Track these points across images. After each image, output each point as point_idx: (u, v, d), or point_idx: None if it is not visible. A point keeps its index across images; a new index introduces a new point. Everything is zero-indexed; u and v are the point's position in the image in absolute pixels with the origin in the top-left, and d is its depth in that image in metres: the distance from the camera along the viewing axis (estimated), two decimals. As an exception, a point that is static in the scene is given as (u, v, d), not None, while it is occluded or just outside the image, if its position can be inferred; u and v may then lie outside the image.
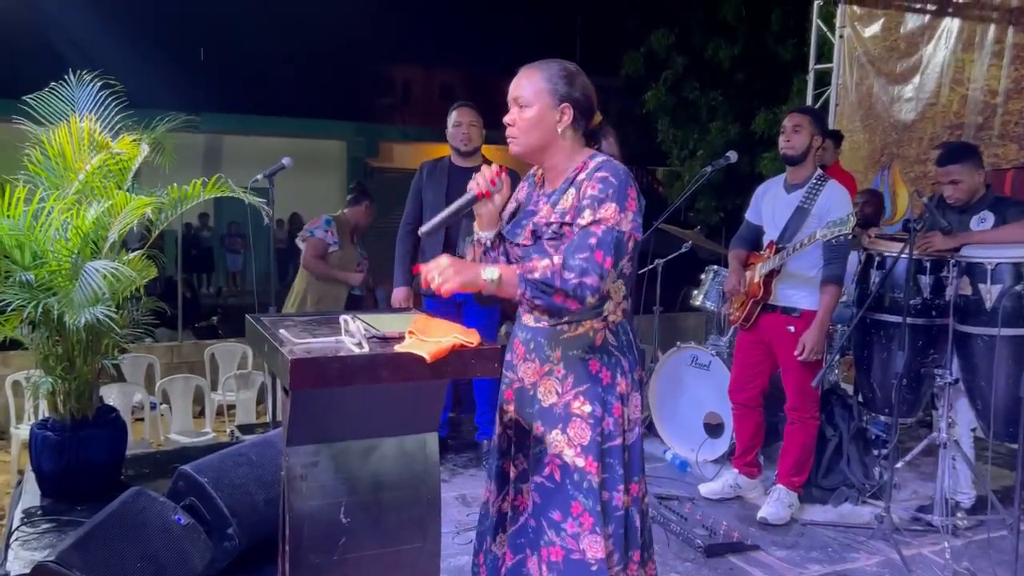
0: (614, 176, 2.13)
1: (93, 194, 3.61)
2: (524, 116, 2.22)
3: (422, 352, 1.92)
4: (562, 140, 2.23)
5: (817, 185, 3.83)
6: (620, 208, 2.09)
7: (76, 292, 3.30)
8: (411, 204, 4.59)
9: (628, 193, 2.12)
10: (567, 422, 2.21)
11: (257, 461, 3.14)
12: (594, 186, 2.12)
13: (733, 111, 12.08)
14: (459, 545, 3.48)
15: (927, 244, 3.88)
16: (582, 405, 2.21)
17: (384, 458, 2.10)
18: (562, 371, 2.23)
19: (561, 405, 2.23)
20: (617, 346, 2.25)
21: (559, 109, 2.21)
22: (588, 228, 2.08)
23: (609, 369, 2.23)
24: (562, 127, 2.22)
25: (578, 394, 2.21)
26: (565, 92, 2.21)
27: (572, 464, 2.20)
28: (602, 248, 2.05)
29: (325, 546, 2.04)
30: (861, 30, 6.88)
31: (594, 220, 2.09)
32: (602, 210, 2.09)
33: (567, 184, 2.21)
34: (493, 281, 2.03)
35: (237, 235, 16.45)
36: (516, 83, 2.25)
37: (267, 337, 2.06)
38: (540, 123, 2.21)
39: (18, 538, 3.21)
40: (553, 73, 2.22)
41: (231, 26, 13.75)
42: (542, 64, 2.25)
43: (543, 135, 2.22)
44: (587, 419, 2.20)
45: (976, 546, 3.66)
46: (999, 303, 3.60)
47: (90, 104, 3.81)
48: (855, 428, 4.32)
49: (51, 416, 3.74)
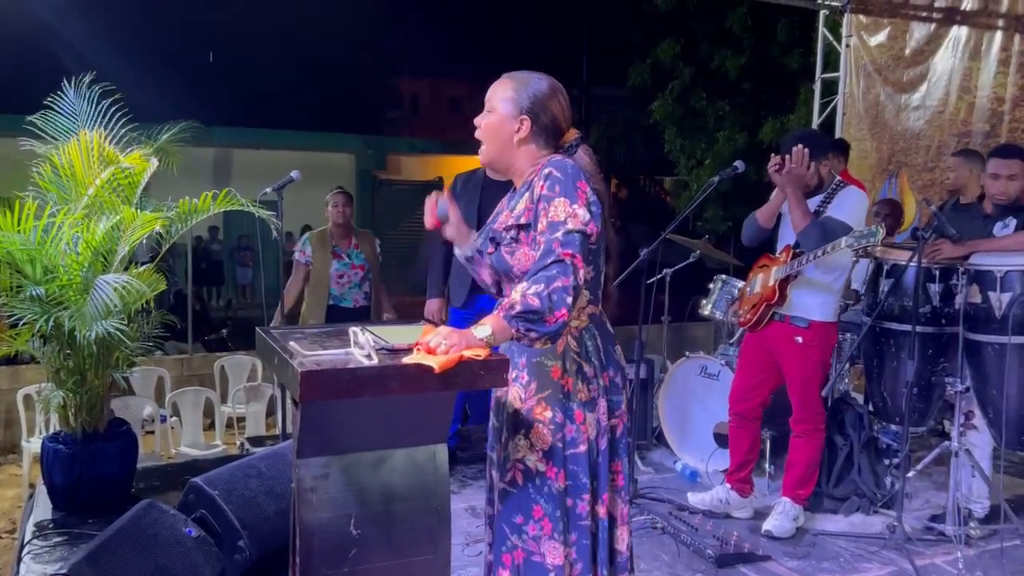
0: (559, 171, 2.14)
1: (103, 208, 3.63)
2: (486, 120, 2.28)
3: (431, 363, 1.93)
4: (520, 150, 2.26)
5: (835, 190, 3.82)
6: (571, 201, 2.10)
7: (87, 306, 3.31)
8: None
9: (577, 185, 2.12)
10: (530, 427, 2.23)
11: (267, 473, 3.15)
12: (542, 185, 2.13)
13: (740, 120, 12.10)
14: (469, 557, 3.48)
15: (935, 252, 3.86)
16: (544, 411, 2.22)
17: (394, 470, 2.10)
18: (526, 377, 2.25)
19: (524, 411, 2.24)
20: (580, 352, 2.24)
21: (517, 119, 2.24)
22: (543, 233, 2.09)
23: (571, 375, 2.23)
24: (518, 138, 2.24)
25: (540, 400, 2.22)
26: (527, 106, 2.23)
27: (534, 468, 2.21)
28: (561, 246, 2.05)
29: (336, 558, 2.04)
30: (867, 39, 6.88)
31: (548, 223, 2.09)
32: (552, 208, 2.09)
33: (524, 188, 2.24)
34: (488, 338, 2.01)
35: (247, 248, 16.49)
36: (491, 87, 2.30)
37: (277, 349, 2.07)
38: (498, 131, 2.25)
39: (30, 551, 3.22)
40: (522, 85, 2.26)
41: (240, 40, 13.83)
42: (521, 75, 2.29)
43: (501, 143, 2.26)
44: (548, 424, 2.20)
45: (989, 556, 3.64)
46: (1009, 311, 3.58)
47: (96, 118, 3.84)
48: (866, 437, 4.30)
49: (62, 429, 3.75)
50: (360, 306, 5.44)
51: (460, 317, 4.35)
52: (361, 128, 17.80)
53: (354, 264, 5.47)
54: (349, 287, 5.45)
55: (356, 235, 5.58)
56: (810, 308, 3.81)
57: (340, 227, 5.49)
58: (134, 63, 9.34)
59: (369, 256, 5.52)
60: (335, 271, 5.40)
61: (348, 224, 5.54)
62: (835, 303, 3.89)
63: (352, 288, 5.46)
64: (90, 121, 3.83)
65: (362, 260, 5.48)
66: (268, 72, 14.49)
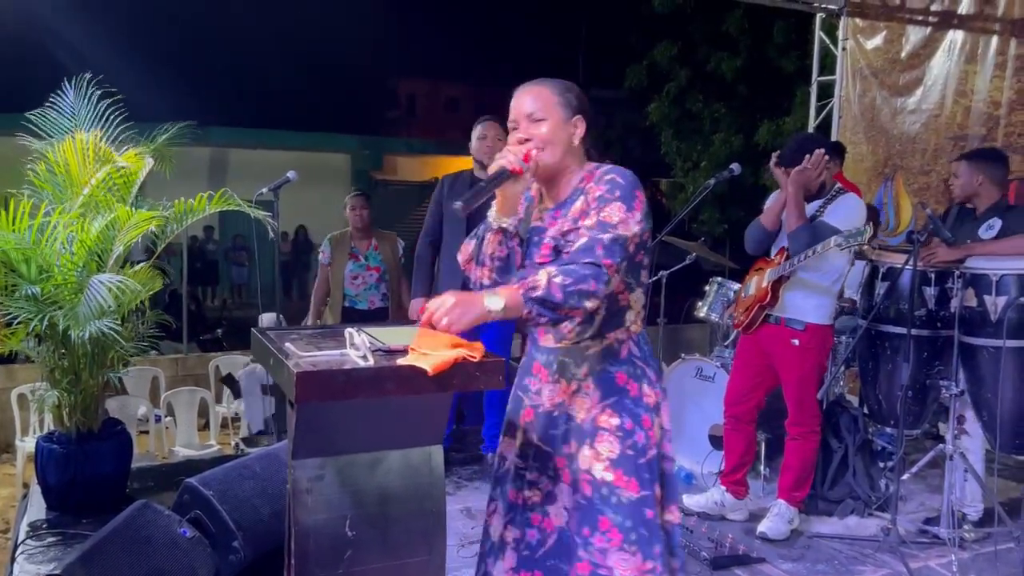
0: (621, 177, 2.12)
1: (98, 208, 3.62)
2: (540, 131, 2.18)
3: (425, 365, 1.92)
4: (576, 153, 2.23)
5: (834, 196, 3.83)
6: (627, 207, 2.06)
7: (81, 305, 3.31)
8: (431, 216, 4.57)
9: (635, 194, 2.09)
10: (595, 436, 2.17)
11: (263, 474, 3.14)
12: (600, 188, 2.11)
13: (736, 123, 12.13)
14: (463, 558, 3.47)
15: (931, 255, 3.87)
16: (610, 418, 2.17)
17: (389, 471, 2.10)
18: (590, 386, 2.20)
19: (589, 420, 2.19)
20: (641, 356, 2.23)
21: (572, 122, 2.20)
22: (591, 230, 2.05)
23: (636, 380, 2.20)
24: (577, 139, 2.21)
25: (605, 407, 2.18)
26: (578, 105, 2.21)
27: (600, 479, 2.15)
28: (604, 250, 2.00)
29: (331, 559, 2.04)
30: (863, 42, 6.89)
31: (598, 221, 2.05)
32: (607, 210, 2.06)
33: (576, 194, 2.19)
34: (498, 310, 1.95)
35: (242, 248, 16.47)
36: (522, 101, 2.21)
37: (273, 350, 2.07)
38: (557, 136, 2.18)
39: (24, 551, 3.22)
40: (560, 88, 2.22)
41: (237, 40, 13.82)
42: (544, 80, 2.24)
43: (562, 148, 2.19)
44: (615, 432, 2.16)
45: (983, 559, 3.64)
46: (1004, 314, 3.59)
47: (93, 117, 3.83)
48: (861, 440, 4.30)
49: (57, 429, 3.75)
50: (376, 308, 5.44)
51: None
52: (358, 128, 17.79)
53: (369, 266, 5.48)
54: (364, 288, 5.45)
55: (377, 236, 5.59)
56: (806, 310, 3.81)
57: (359, 230, 5.53)
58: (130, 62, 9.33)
59: (388, 258, 5.51)
60: (349, 272, 5.44)
61: (367, 226, 5.55)
62: (831, 306, 3.89)
63: (368, 290, 5.46)
64: (86, 120, 3.82)
65: (379, 262, 5.48)
66: (265, 72, 14.49)
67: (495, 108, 3.31)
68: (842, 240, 3.53)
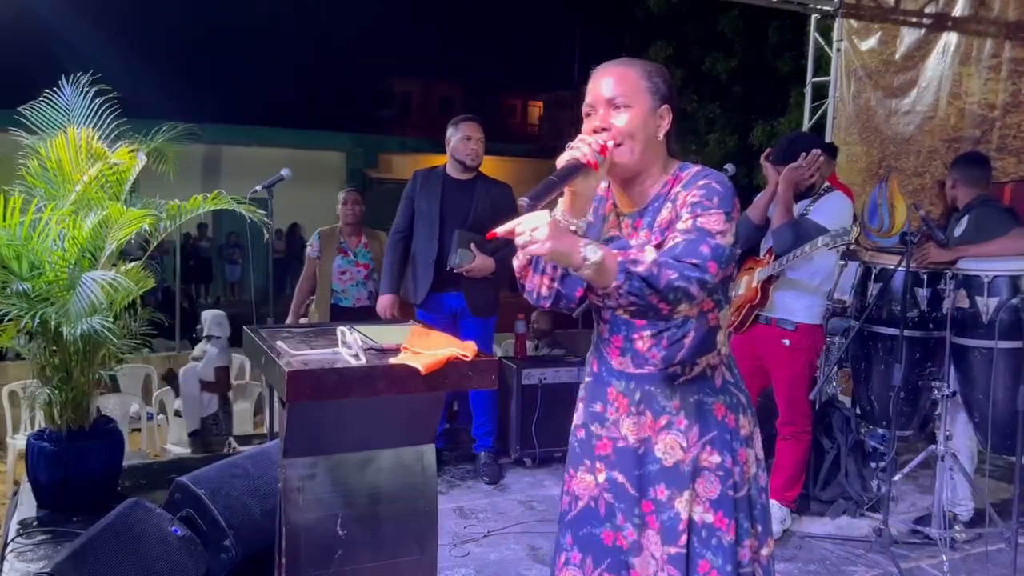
0: (718, 183, 1.84)
1: (90, 205, 3.60)
2: (621, 121, 1.86)
3: (417, 364, 1.92)
4: (660, 149, 1.92)
5: (821, 195, 3.84)
6: (726, 219, 1.81)
7: (73, 302, 3.29)
8: (402, 212, 4.50)
9: (734, 204, 1.84)
10: (696, 477, 1.94)
11: (254, 473, 3.13)
12: (695, 193, 1.83)
13: (731, 124, 12.14)
14: (455, 558, 3.47)
15: (923, 256, 3.89)
16: (710, 456, 1.94)
17: (381, 470, 2.10)
18: (684, 421, 1.94)
19: (689, 461, 1.94)
20: (734, 383, 2.02)
21: (658, 113, 1.89)
22: (697, 232, 1.78)
23: (732, 411, 1.98)
24: (663, 132, 1.91)
25: (705, 444, 1.94)
26: (667, 93, 1.91)
27: (700, 520, 1.94)
28: (713, 258, 1.76)
29: (322, 559, 2.04)
30: (858, 44, 6.90)
31: (696, 227, 1.79)
32: (705, 218, 1.80)
33: (661, 200, 1.91)
34: (593, 263, 1.68)
35: (235, 246, 16.46)
36: (603, 83, 1.89)
37: (264, 349, 2.06)
38: (643, 127, 1.87)
39: (14, 549, 3.20)
40: (648, 70, 1.91)
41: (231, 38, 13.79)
42: (630, 60, 1.93)
43: (646, 142, 1.88)
44: (716, 471, 1.94)
45: (974, 559, 3.65)
46: (996, 316, 3.60)
47: (86, 114, 3.81)
48: (853, 440, 4.31)
49: (48, 427, 3.73)
50: (361, 305, 5.41)
51: (423, 318, 4.30)
52: (352, 126, 17.78)
53: (358, 262, 5.44)
54: (351, 284, 5.42)
55: (367, 234, 5.56)
56: (796, 310, 3.82)
57: (350, 225, 5.49)
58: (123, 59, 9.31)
59: (377, 256, 5.47)
60: (337, 266, 5.40)
61: (358, 223, 5.53)
62: (821, 305, 3.90)
63: (354, 286, 5.42)
64: (79, 116, 3.80)
65: (367, 259, 5.46)
66: (259, 70, 14.47)
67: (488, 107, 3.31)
68: (829, 239, 3.55)
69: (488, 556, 3.56)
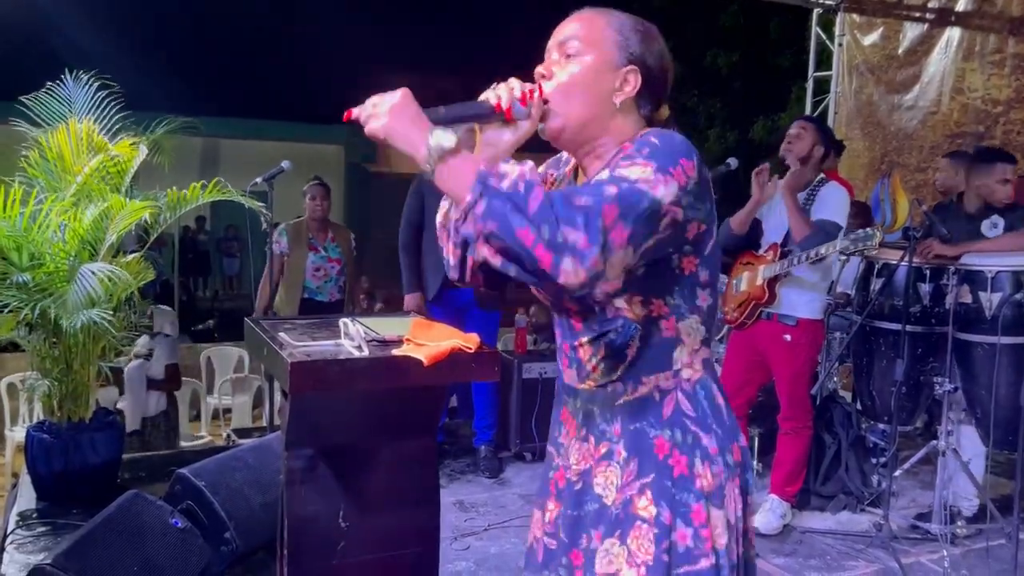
0: (658, 137, 1.42)
1: (91, 196, 3.59)
2: (568, 70, 1.50)
3: (420, 356, 1.91)
4: (616, 117, 1.51)
5: (816, 188, 3.82)
6: (660, 169, 1.35)
7: (72, 294, 3.28)
8: (413, 204, 4.49)
9: (679, 161, 1.38)
10: (627, 528, 1.49)
11: (255, 465, 3.13)
12: (627, 147, 1.43)
13: (731, 119, 12.13)
14: (456, 551, 3.47)
15: (927, 250, 3.87)
16: (648, 505, 1.48)
17: (383, 462, 2.09)
18: (623, 452, 1.52)
19: (620, 503, 1.51)
20: (697, 417, 1.52)
21: (622, 72, 1.50)
22: (602, 179, 1.36)
23: (684, 452, 1.50)
24: (621, 98, 1.51)
25: (644, 487, 1.49)
26: (638, 51, 1.52)
27: None
28: (616, 204, 1.30)
29: (324, 551, 2.03)
30: (860, 38, 6.89)
31: (613, 176, 1.36)
32: (628, 167, 1.36)
33: (605, 167, 1.46)
34: (434, 155, 1.34)
35: (234, 239, 16.44)
36: (564, 24, 1.56)
37: (267, 340, 2.05)
38: (592, 83, 1.49)
39: (13, 541, 3.19)
40: (623, 22, 1.55)
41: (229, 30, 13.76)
42: (608, 10, 1.57)
43: (591, 102, 1.50)
44: (651, 526, 1.47)
45: (975, 555, 3.65)
46: (999, 311, 3.59)
47: (88, 106, 3.80)
48: (854, 436, 4.30)
49: (47, 418, 3.72)
50: (335, 300, 5.37)
51: (433, 312, 4.30)
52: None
53: (331, 258, 5.39)
54: (325, 281, 5.36)
55: (333, 229, 5.51)
56: (797, 306, 3.81)
57: (318, 221, 5.41)
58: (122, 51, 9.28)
59: (345, 251, 5.44)
60: (311, 264, 5.32)
61: (326, 218, 5.47)
62: (822, 301, 3.90)
63: (328, 282, 5.37)
64: (80, 108, 3.79)
65: (339, 254, 5.41)
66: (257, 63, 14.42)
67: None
68: (849, 243, 3.53)
69: (488, 549, 3.56)
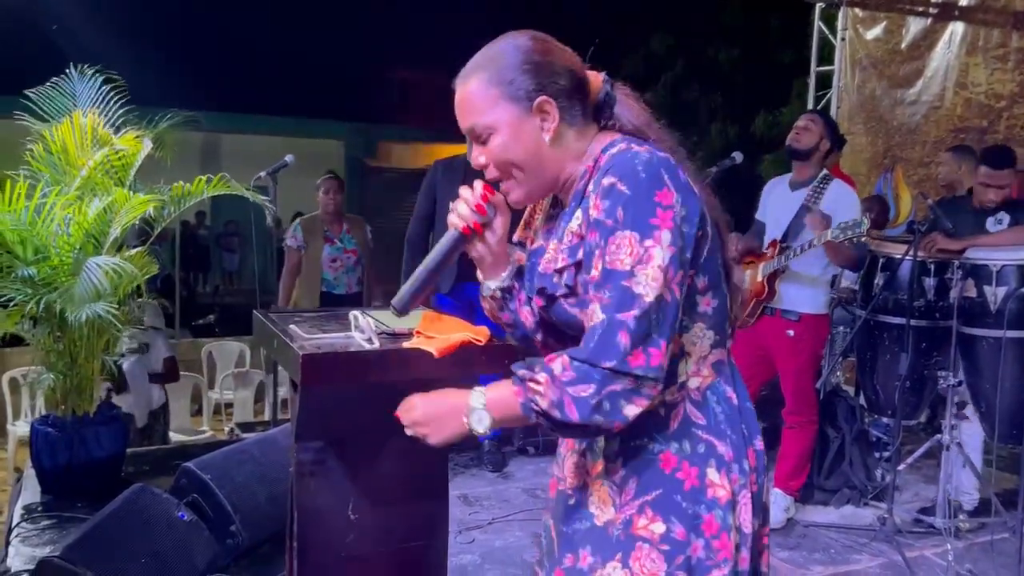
0: (624, 179, 1.37)
1: (95, 190, 3.59)
2: (491, 151, 1.49)
3: (430, 348, 1.91)
4: (559, 146, 1.49)
5: (822, 184, 3.82)
6: (641, 234, 1.34)
7: (77, 288, 3.28)
8: (424, 199, 4.49)
9: (655, 199, 1.36)
10: (628, 550, 1.44)
11: (261, 458, 3.12)
12: (598, 205, 1.39)
13: (733, 113, 12.11)
14: (461, 544, 3.48)
15: (931, 244, 3.88)
16: (650, 523, 1.43)
17: (392, 455, 2.09)
18: (621, 471, 1.47)
19: (620, 523, 1.46)
20: (708, 425, 1.46)
21: (535, 113, 1.47)
22: (600, 290, 1.37)
23: (695, 463, 1.45)
24: (550, 133, 1.48)
25: (644, 506, 1.44)
26: (532, 85, 1.46)
27: None
28: (631, 339, 1.32)
29: (333, 543, 2.03)
30: (863, 33, 6.88)
31: (604, 272, 1.36)
32: (613, 247, 1.36)
33: (576, 201, 1.49)
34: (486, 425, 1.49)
35: (233, 234, 16.42)
36: (458, 109, 1.52)
37: (277, 332, 2.04)
38: (517, 145, 1.47)
39: (19, 534, 3.19)
40: (504, 67, 1.48)
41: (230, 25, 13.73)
42: (481, 64, 1.52)
43: (530, 158, 1.48)
44: (658, 544, 1.42)
45: (978, 548, 3.66)
46: (1005, 305, 3.59)
47: (92, 100, 3.79)
48: (857, 430, 4.31)
49: (52, 412, 3.72)
50: (353, 292, 5.41)
51: (446, 304, 4.29)
52: (351, 115, 17.68)
53: (347, 249, 5.44)
54: (342, 271, 5.41)
55: (347, 220, 5.56)
56: (800, 301, 3.82)
57: (332, 213, 5.47)
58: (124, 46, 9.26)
59: (361, 242, 5.49)
60: (328, 255, 5.37)
61: (339, 211, 5.51)
62: (825, 295, 3.91)
63: (345, 273, 5.42)
64: (84, 103, 3.78)
65: (354, 245, 5.46)
66: (258, 58, 14.40)
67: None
68: (839, 232, 3.54)
69: (493, 543, 3.57)
